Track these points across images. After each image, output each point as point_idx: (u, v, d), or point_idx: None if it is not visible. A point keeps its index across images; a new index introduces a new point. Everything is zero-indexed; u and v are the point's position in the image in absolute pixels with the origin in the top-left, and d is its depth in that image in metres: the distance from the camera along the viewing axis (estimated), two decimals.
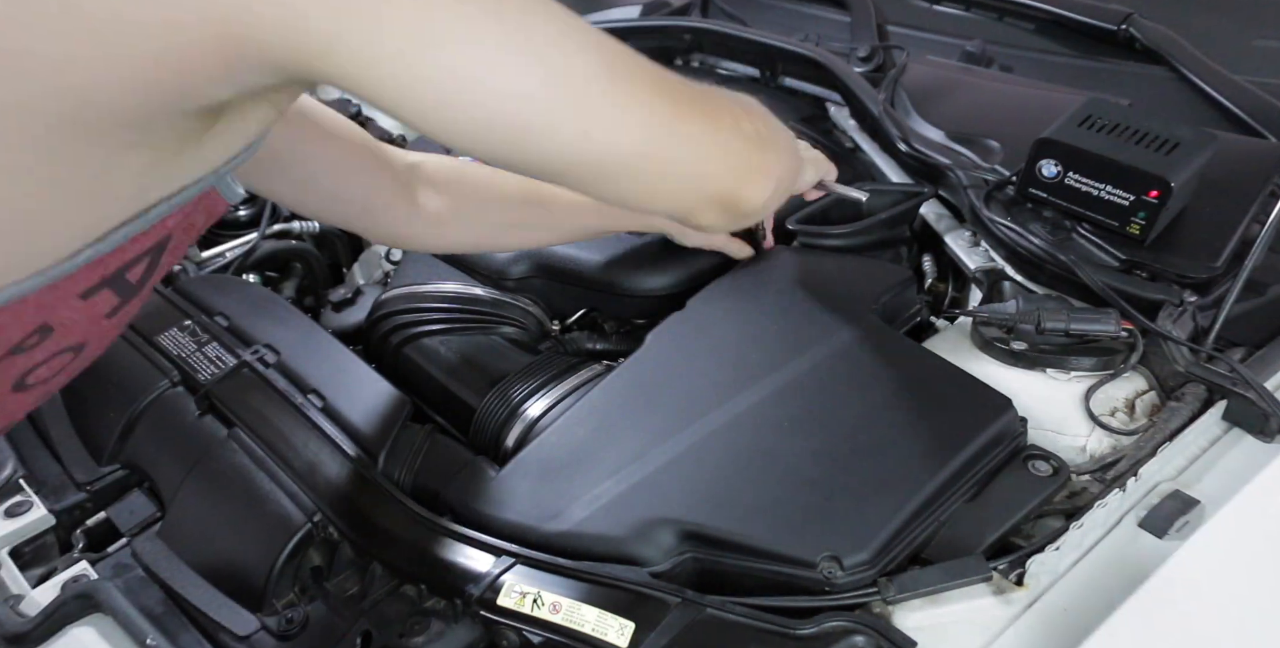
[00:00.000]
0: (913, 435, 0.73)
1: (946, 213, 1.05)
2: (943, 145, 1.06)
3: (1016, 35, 1.35)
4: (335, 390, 0.84)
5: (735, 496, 0.70)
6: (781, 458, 0.72)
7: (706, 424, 0.75)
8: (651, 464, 0.73)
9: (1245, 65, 1.16)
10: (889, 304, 0.90)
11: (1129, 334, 0.81)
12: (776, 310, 0.87)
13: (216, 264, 1.12)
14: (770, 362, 0.81)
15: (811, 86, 1.28)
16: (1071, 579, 0.66)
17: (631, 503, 0.70)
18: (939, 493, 0.69)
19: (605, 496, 0.71)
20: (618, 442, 0.75)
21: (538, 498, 0.72)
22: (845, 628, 0.62)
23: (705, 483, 0.71)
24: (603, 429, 0.77)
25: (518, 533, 0.70)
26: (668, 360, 0.83)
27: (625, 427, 0.76)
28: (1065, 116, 0.92)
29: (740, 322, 0.86)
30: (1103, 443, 0.77)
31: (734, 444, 0.74)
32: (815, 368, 0.80)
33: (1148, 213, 0.86)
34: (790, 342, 0.83)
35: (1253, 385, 0.75)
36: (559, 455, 0.76)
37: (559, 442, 0.77)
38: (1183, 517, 0.68)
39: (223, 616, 0.73)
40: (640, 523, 0.69)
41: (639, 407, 0.78)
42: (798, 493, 0.69)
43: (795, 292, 0.89)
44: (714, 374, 0.80)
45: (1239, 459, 0.74)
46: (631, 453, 0.74)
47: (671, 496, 0.70)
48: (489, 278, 0.99)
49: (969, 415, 0.74)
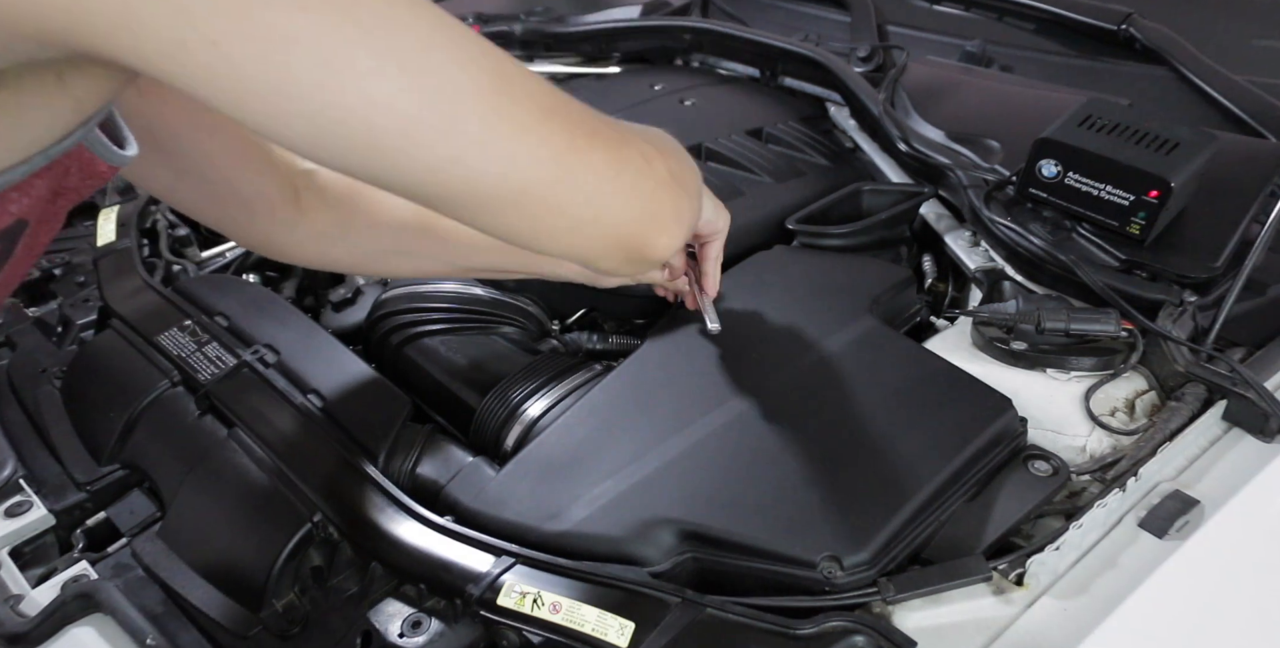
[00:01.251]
0: (913, 435, 0.73)
1: (946, 213, 1.05)
2: (943, 145, 1.06)
3: (1016, 35, 1.35)
4: (335, 390, 0.84)
5: (735, 495, 0.70)
6: (781, 458, 0.72)
7: (706, 424, 0.75)
8: (651, 464, 0.73)
9: (1245, 65, 1.15)
10: (889, 304, 0.90)
11: (1129, 334, 0.81)
12: (777, 310, 0.87)
13: (216, 264, 1.13)
14: (771, 361, 0.81)
15: (811, 86, 1.28)
16: (1071, 579, 0.66)
17: (631, 503, 0.70)
18: (939, 493, 0.69)
19: (605, 496, 0.71)
20: (617, 442, 0.75)
21: (537, 498, 0.72)
22: (845, 628, 0.62)
23: (705, 483, 0.71)
24: (602, 429, 0.77)
25: (517, 533, 0.70)
26: (667, 360, 0.83)
27: (625, 427, 0.76)
28: (1065, 116, 0.92)
29: (741, 321, 0.86)
30: (1103, 443, 0.77)
31: (734, 444, 0.74)
32: (815, 367, 0.80)
33: (1148, 213, 0.86)
34: (790, 341, 0.83)
35: (1253, 385, 0.75)
36: (558, 455, 0.76)
37: (559, 442, 0.77)
38: (1183, 517, 0.68)
39: (223, 616, 0.73)
40: (640, 523, 0.69)
41: (639, 407, 0.78)
42: (797, 493, 0.69)
43: (795, 291, 0.89)
44: (714, 374, 0.80)
45: (1239, 459, 0.74)
46: (631, 453, 0.74)
47: (671, 496, 0.70)
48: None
49: (969, 415, 0.74)
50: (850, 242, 0.99)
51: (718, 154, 1.08)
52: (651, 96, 1.22)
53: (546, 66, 1.46)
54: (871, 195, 1.03)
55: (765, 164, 1.08)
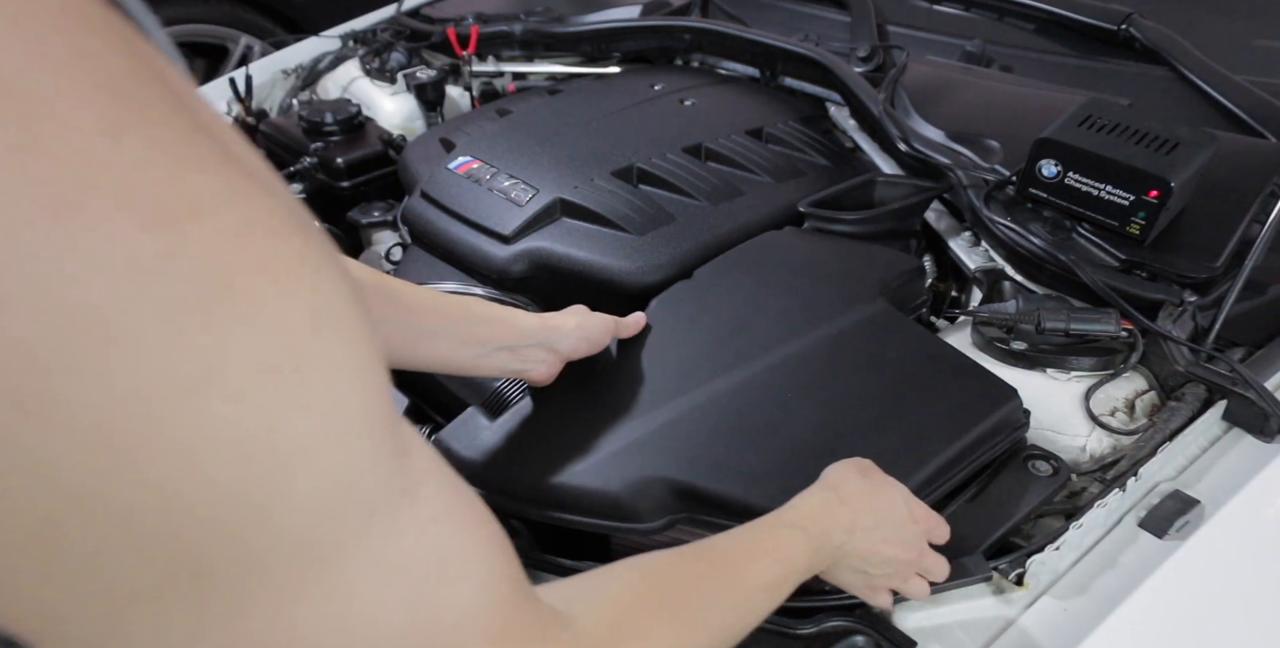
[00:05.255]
0: (915, 415, 0.72)
1: (946, 213, 1.05)
2: (943, 145, 1.06)
3: (1016, 35, 1.35)
4: None
5: (733, 459, 0.69)
6: (782, 427, 0.71)
7: (709, 389, 0.74)
8: (651, 424, 0.72)
9: (1245, 65, 1.15)
10: (898, 291, 0.89)
11: (1129, 334, 0.81)
12: (786, 285, 0.86)
13: None
14: (777, 333, 0.80)
15: (811, 86, 1.28)
16: (1071, 579, 0.66)
17: (628, 459, 0.69)
18: (938, 474, 0.69)
19: (602, 450, 0.70)
20: (618, 400, 0.74)
21: (531, 449, 0.71)
22: (845, 628, 0.62)
23: (704, 445, 0.70)
24: (604, 389, 0.76)
25: (507, 484, 0.69)
26: (672, 327, 0.82)
27: (626, 387, 0.76)
28: (1065, 116, 0.92)
29: (748, 293, 0.85)
30: (1103, 443, 0.77)
31: (735, 410, 0.73)
32: (823, 343, 0.79)
33: (1148, 213, 0.86)
34: (798, 315, 0.82)
35: (1253, 385, 0.75)
36: (557, 410, 0.75)
37: (558, 398, 0.76)
38: (1183, 517, 0.68)
39: None
40: (636, 479, 0.68)
41: (642, 369, 0.78)
42: (796, 461, 0.68)
43: (805, 269, 0.89)
44: (718, 343, 0.80)
45: (1239, 459, 0.74)
46: (631, 412, 0.73)
47: (669, 455, 0.70)
48: (489, 277, 0.99)
49: (974, 401, 0.73)
50: (861, 229, 0.98)
51: (718, 154, 1.08)
52: (651, 96, 1.22)
53: (546, 66, 1.46)
54: (885, 187, 1.03)
55: (765, 164, 1.08)
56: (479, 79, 1.47)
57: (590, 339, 0.77)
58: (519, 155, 1.05)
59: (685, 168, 1.03)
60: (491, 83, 1.49)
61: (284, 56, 1.61)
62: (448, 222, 1.01)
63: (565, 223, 0.98)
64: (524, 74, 1.47)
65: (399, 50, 1.52)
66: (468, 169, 1.05)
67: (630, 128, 1.11)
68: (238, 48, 2.50)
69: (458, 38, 1.45)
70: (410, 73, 1.43)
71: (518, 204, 0.98)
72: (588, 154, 1.04)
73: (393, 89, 1.48)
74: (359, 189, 1.26)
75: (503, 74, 1.47)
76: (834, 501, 0.59)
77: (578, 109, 1.17)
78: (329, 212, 1.25)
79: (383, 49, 1.54)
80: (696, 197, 1.00)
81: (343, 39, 1.61)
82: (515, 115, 1.18)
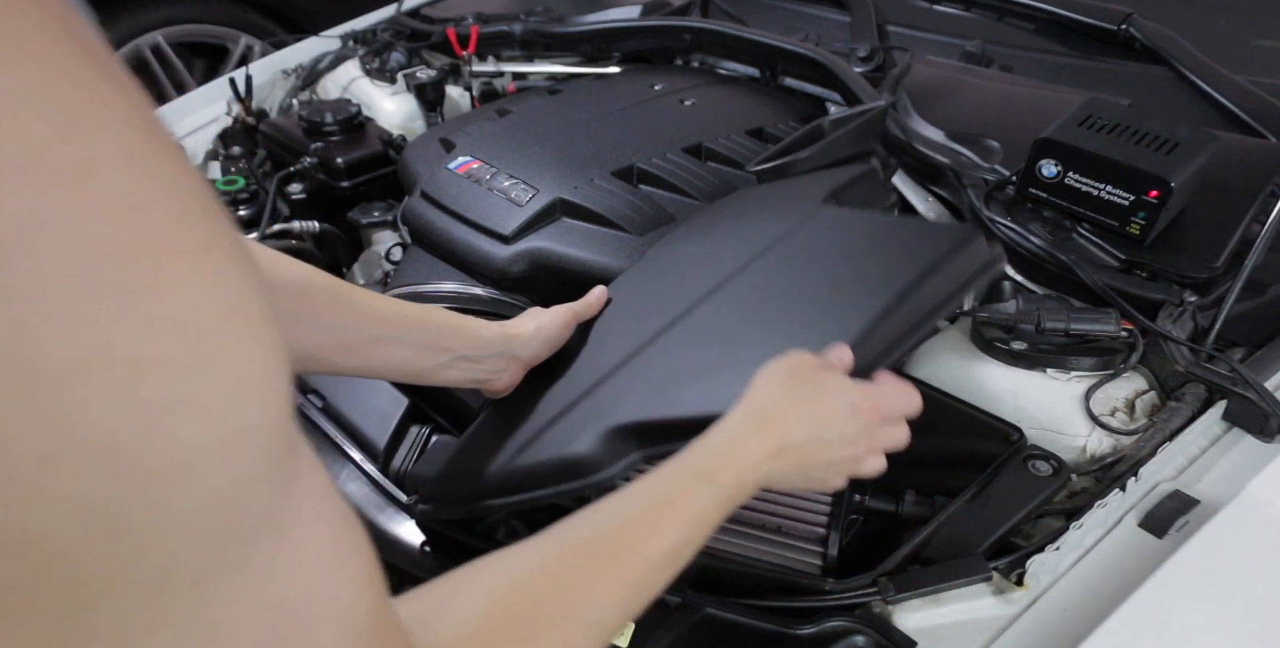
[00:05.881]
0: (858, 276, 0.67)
1: (946, 213, 1.05)
2: (943, 145, 1.06)
3: (1016, 35, 1.35)
4: (335, 390, 0.84)
5: (667, 378, 0.66)
6: (722, 334, 0.68)
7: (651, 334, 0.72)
8: (594, 381, 0.70)
9: (1245, 65, 1.15)
10: (851, 197, 0.84)
11: (1129, 334, 0.81)
12: (736, 228, 0.83)
13: None
14: (722, 270, 0.76)
15: (811, 86, 1.28)
16: (1071, 579, 0.66)
17: (574, 421, 0.67)
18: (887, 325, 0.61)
19: (554, 421, 0.68)
20: (568, 374, 0.73)
21: (494, 448, 0.70)
22: (845, 628, 0.62)
23: (639, 384, 0.67)
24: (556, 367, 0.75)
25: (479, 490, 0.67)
26: (628, 293, 0.81)
27: (576, 360, 0.75)
28: (1065, 116, 0.92)
29: (700, 245, 0.83)
30: (1103, 443, 0.77)
31: (677, 344, 0.70)
32: (766, 261, 0.75)
33: (1148, 213, 0.86)
34: (743, 248, 0.78)
35: (1253, 385, 0.75)
36: (513, 403, 0.74)
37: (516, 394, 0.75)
38: (1183, 517, 0.68)
39: None
40: (588, 436, 0.64)
41: (590, 340, 0.77)
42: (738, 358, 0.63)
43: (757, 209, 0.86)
44: (666, 294, 0.78)
45: (1239, 459, 0.74)
46: (579, 380, 0.72)
47: (608, 405, 0.67)
48: (489, 277, 0.99)
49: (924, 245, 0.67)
50: (814, 164, 0.93)
51: (718, 154, 1.08)
52: (651, 96, 1.22)
53: (546, 66, 1.46)
54: (835, 125, 0.97)
55: None
56: (479, 79, 1.47)
57: (550, 341, 0.77)
58: (519, 155, 1.05)
59: (685, 168, 1.03)
60: (491, 83, 1.49)
61: (284, 56, 1.62)
62: (448, 222, 1.01)
63: (565, 223, 0.98)
64: (524, 74, 1.47)
65: (399, 50, 1.53)
66: (468, 169, 1.05)
67: (630, 128, 1.11)
68: (238, 48, 2.51)
69: (458, 38, 1.45)
70: (410, 73, 1.43)
71: (518, 204, 0.98)
72: (588, 154, 1.04)
73: (393, 89, 1.48)
74: (359, 189, 1.27)
75: (503, 74, 1.47)
76: (754, 428, 0.54)
77: (578, 109, 1.17)
78: (329, 212, 1.25)
79: (383, 49, 1.54)
80: (696, 197, 1.00)
81: (343, 39, 1.61)
82: (515, 115, 1.18)
